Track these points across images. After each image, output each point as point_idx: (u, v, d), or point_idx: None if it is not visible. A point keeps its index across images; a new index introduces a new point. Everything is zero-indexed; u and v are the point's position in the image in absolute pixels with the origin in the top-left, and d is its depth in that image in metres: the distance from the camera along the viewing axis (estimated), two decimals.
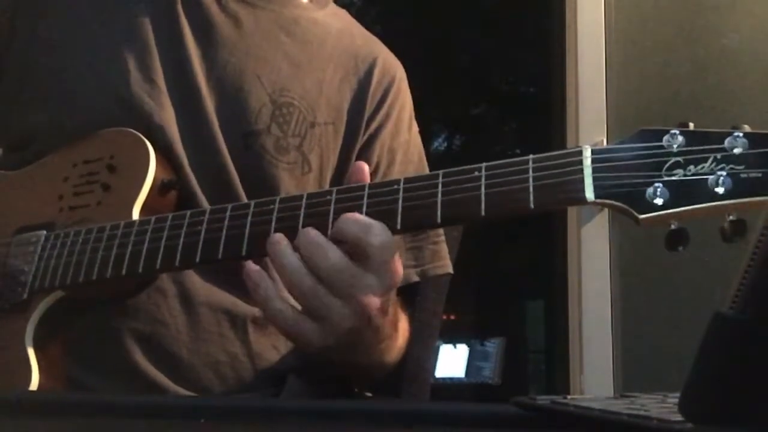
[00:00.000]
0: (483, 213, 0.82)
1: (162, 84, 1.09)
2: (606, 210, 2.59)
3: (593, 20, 2.70)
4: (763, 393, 0.52)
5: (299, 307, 0.89)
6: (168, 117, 1.08)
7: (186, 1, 1.14)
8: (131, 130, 1.06)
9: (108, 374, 1.03)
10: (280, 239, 0.88)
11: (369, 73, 1.20)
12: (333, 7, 1.27)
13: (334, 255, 0.86)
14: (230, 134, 1.10)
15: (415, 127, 1.26)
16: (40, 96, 1.13)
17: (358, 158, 1.17)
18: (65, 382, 1.01)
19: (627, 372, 2.54)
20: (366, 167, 0.92)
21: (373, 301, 0.87)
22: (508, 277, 5.66)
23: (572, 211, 2.68)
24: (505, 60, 5.76)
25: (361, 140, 1.18)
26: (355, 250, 0.86)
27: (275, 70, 1.14)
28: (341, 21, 1.26)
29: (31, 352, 0.98)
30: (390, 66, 1.24)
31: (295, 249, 0.87)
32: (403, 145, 1.21)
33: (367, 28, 1.30)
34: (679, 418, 0.54)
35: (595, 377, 2.56)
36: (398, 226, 0.86)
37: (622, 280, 2.59)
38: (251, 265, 0.89)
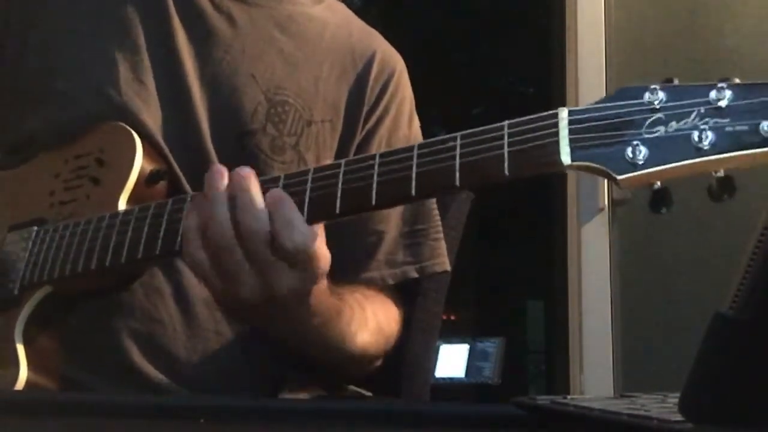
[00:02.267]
0: (457, 183, 0.80)
1: (151, 84, 1.09)
2: (606, 210, 2.59)
3: (593, 20, 2.70)
4: (763, 393, 0.52)
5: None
6: (155, 117, 1.08)
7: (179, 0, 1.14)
8: (120, 123, 1.06)
9: (105, 373, 1.03)
10: (221, 171, 0.88)
11: (367, 67, 1.19)
12: (329, 1, 1.25)
13: (263, 221, 0.85)
14: (224, 134, 1.09)
15: (416, 122, 1.25)
16: (35, 98, 1.13)
17: (356, 154, 1.16)
18: (58, 379, 1.01)
19: (627, 372, 2.54)
20: None
21: (283, 285, 0.87)
22: (508, 277, 5.66)
23: (572, 211, 2.68)
24: (505, 60, 5.75)
25: (359, 136, 1.17)
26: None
27: (270, 68, 1.14)
28: (338, 15, 1.25)
29: (20, 348, 0.98)
30: (389, 59, 1.23)
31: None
32: (402, 141, 1.20)
33: None
34: (679, 418, 0.54)
35: (595, 377, 2.56)
36: (373, 202, 0.84)
37: (622, 280, 2.59)
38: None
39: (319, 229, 0.88)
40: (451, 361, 3.92)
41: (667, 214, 0.74)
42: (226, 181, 0.88)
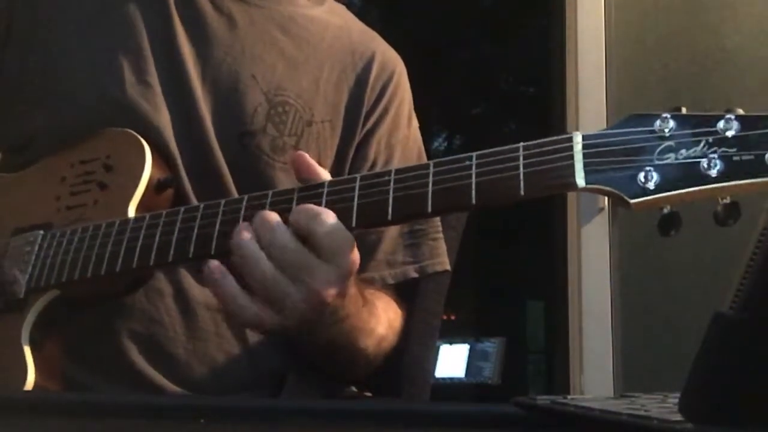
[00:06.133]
0: (473, 202, 0.81)
1: (156, 85, 1.09)
2: (606, 210, 2.59)
3: (593, 20, 2.70)
4: (763, 393, 0.52)
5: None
6: (163, 118, 1.08)
7: (180, 0, 1.14)
8: (128, 129, 1.06)
9: (106, 374, 1.03)
10: (245, 227, 0.88)
11: (367, 69, 1.20)
12: (330, 3, 1.26)
13: (282, 236, 0.86)
14: (226, 135, 1.10)
15: (415, 123, 1.25)
16: (37, 99, 1.13)
17: (356, 154, 1.17)
18: (62, 381, 1.01)
19: (627, 372, 2.54)
20: (306, 157, 0.92)
21: (328, 290, 0.87)
22: (508, 277, 5.66)
23: (572, 211, 2.68)
24: (505, 60, 5.76)
25: (359, 136, 1.17)
26: (307, 239, 0.86)
27: (271, 69, 1.14)
28: (339, 17, 1.25)
29: (27, 351, 0.98)
30: (389, 61, 1.23)
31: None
32: (401, 141, 1.21)
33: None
34: (679, 418, 0.54)
35: (595, 377, 2.56)
36: (389, 218, 0.85)
37: (622, 280, 2.59)
38: (213, 263, 0.89)
39: None
40: (451, 361, 3.92)
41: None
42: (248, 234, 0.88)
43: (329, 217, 0.86)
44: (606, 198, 2.59)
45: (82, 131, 1.08)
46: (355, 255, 0.88)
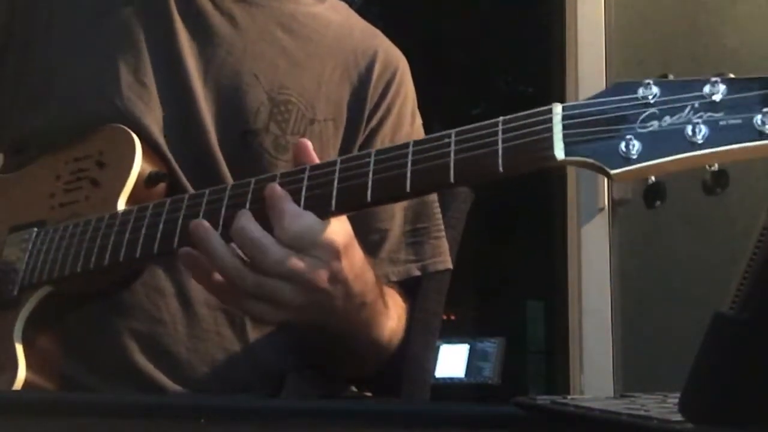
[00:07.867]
0: (452, 180, 0.80)
1: (153, 86, 1.10)
2: (606, 210, 2.59)
3: (593, 20, 2.70)
4: (763, 393, 0.52)
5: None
6: (157, 119, 1.08)
7: (180, 0, 1.14)
8: (120, 125, 1.06)
9: (107, 373, 1.03)
10: (203, 226, 0.88)
11: (370, 67, 1.20)
12: (332, 1, 1.26)
13: (273, 250, 0.86)
14: (228, 134, 1.10)
15: (418, 120, 1.25)
16: (36, 100, 1.13)
17: None
18: (59, 379, 1.01)
19: (627, 372, 2.54)
20: (308, 144, 0.92)
21: (318, 276, 0.87)
22: (508, 277, 5.66)
23: (572, 211, 2.68)
24: (505, 59, 5.75)
25: (362, 135, 1.17)
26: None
27: (273, 68, 1.14)
28: (340, 15, 1.25)
29: (19, 349, 0.99)
30: (392, 58, 1.23)
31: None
32: (404, 139, 1.20)
33: None
34: (679, 418, 0.54)
35: (595, 377, 2.56)
36: (368, 199, 0.84)
37: (622, 280, 2.59)
38: (183, 250, 0.89)
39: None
40: (451, 361, 3.92)
41: (666, 215, 0.75)
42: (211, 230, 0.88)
43: (293, 218, 0.86)
44: (606, 197, 2.59)
45: (80, 131, 1.08)
46: (335, 238, 0.88)
